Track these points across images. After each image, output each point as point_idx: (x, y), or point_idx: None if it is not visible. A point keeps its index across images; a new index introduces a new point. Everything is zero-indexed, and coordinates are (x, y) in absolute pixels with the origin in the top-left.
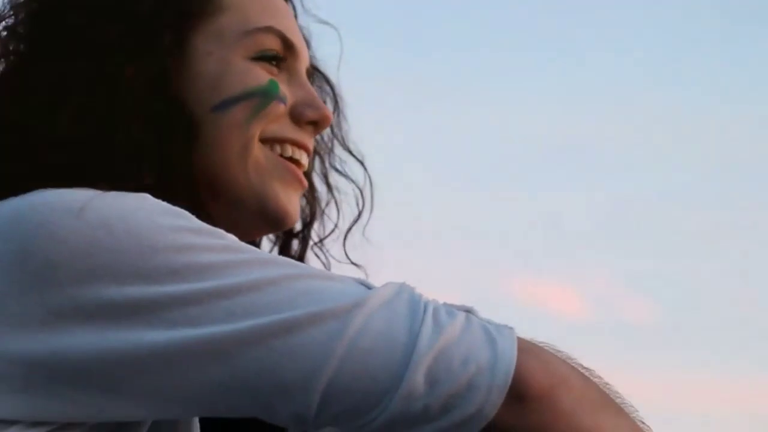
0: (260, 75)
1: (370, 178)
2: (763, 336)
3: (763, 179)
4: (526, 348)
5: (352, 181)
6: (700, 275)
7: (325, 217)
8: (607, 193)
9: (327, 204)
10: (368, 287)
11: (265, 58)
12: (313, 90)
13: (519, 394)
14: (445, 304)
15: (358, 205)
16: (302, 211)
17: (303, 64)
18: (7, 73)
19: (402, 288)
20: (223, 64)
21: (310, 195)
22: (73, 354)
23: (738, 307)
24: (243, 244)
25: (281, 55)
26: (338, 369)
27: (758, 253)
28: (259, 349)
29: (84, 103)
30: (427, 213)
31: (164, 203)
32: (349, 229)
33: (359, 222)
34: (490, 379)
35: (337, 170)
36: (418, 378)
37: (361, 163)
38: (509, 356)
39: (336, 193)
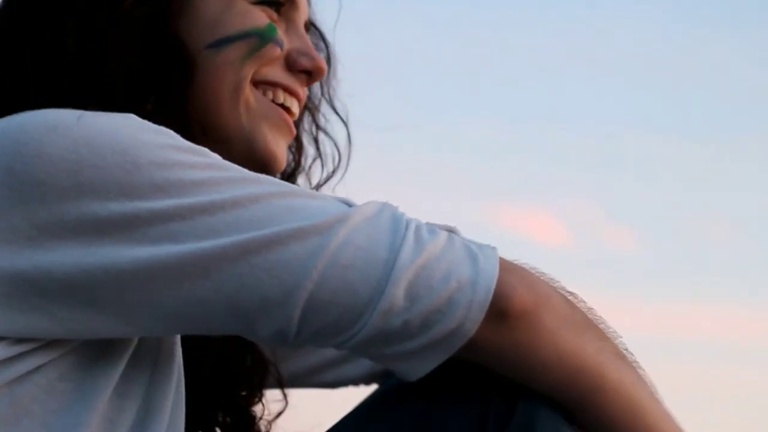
0: (260, 17)
1: (350, 138)
2: (743, 264)
3: (745, 110)
4: (508, 267)
5: (332, 138)
6: (680, 203)
7: (312, 170)
8: (589, 122)
9: (314, 160)
10: (350, 205)
11: (266, 2)
12: (309, 40)
13: (500, 311)
14: (427, 223)
15: (333, 163)
16: (288, 163)
17: (302, 16)
18: (12, 2)
19: (384, 206)
20: (225, 4)
21: (297, 147)
22: (56, 269)
23: (718, 235)
24: (227, 162)
25: (282, 1)
26: (319, 284)
27: (738, 183)
28: (241, 265)
29: (83, 32)
30: (406, 137)
31: (149, 123)
32: (320, 185)
33: (333, 178)
34: (471, 295)
35: (318, 126)
36: (398, 293)
37: (345, 123)
38: (491, 273)
39: (321, 148)
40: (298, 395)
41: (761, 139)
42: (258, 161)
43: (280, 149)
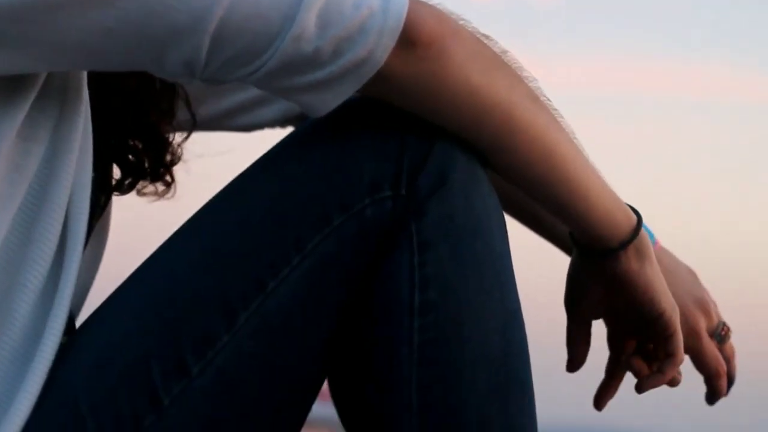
0: None
1: None
2: (655, 16)
3: None
4: (417, 1)
5: None
6: None
7: None
8: None
9: None
10: None
11: None
12: None
13: (410, 39)
14: None
15: None
16: None
17: None
18: None
19: None
20: None
21: None
22: None
23: None
24: None
25: None
26: (229, 9)
27: None
28: None
29: None
30: None
31: None
32: None
33: None
34: (382, 22)
35: None
36: (309, 18)
37: None
38: (401, 2)
39: None
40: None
41: None
42: None
43: None
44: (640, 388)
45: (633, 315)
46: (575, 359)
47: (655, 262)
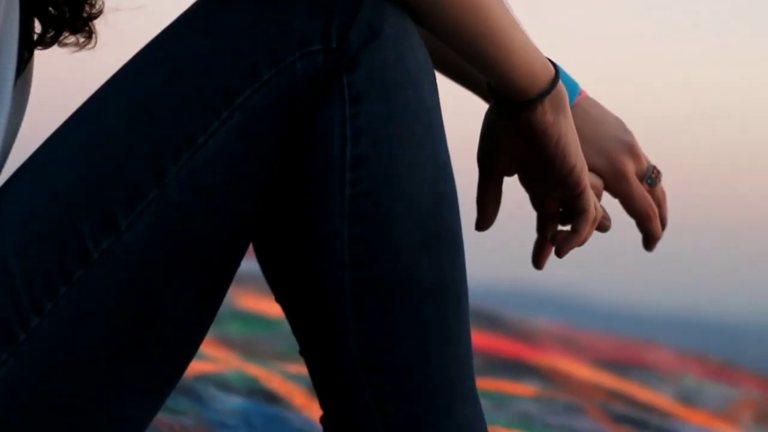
0: None
1: None
2: None
3: None
4: None
5: None
6: None
7: None
8: None
9: None
10: None
11: None
12: None
13: None
14: None
15: None
16: None
17: None
18: None
19: None
20: None
21: None
22: None
23: None
24: None
25: None
26: None
27: None
28: None
29: None
30: None
31: None
32: None
33: None
34: None
35: None
36: None
37: None
38: None
39: None
40: None
41: None
42: None
43: None
44: (559, 252)
45: (544, 171)
46: (484, 218)
47: (569, 116)
